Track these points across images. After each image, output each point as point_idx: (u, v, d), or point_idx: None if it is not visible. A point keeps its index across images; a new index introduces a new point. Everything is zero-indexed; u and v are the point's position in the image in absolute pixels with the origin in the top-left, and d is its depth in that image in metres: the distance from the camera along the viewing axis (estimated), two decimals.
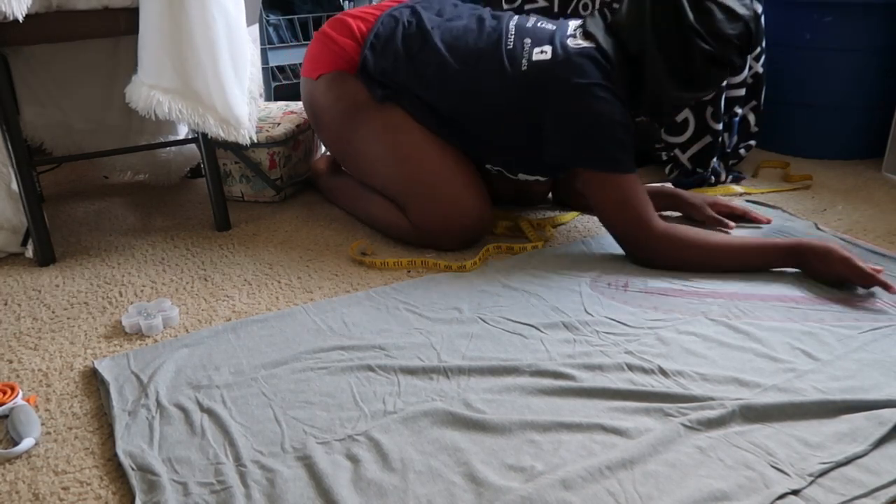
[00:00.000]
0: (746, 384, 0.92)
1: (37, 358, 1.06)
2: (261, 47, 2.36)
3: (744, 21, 1.21)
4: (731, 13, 1.21)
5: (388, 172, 1.39)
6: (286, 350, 1.04)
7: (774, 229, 1.41)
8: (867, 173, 1.76)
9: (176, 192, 1.77)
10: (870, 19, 1.73)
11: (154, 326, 1.11)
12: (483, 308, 1.14)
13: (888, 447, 0.81)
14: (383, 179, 1.41)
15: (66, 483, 0.80)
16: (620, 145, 1.22)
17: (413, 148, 1.35)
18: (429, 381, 0.95)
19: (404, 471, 0.79)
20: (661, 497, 0.74)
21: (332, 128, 1.45)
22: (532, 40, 1.29)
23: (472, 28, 1.34)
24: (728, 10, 1.21)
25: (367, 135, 1.39)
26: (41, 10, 1.22)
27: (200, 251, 1.42)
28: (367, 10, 1.46)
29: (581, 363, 0.97)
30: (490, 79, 1.28)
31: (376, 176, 1.42)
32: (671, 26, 1.21)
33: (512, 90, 1.27)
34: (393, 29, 1.38)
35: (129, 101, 1.28)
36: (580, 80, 1.22)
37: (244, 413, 0.90)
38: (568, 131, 1.24)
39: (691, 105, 1.31)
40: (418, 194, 1.34)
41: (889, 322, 1.06)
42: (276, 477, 0.79)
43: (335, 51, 1.41)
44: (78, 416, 0.92)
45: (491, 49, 1.29)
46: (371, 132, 1.38)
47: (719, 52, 1.21)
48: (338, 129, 1.44)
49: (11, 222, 1.38)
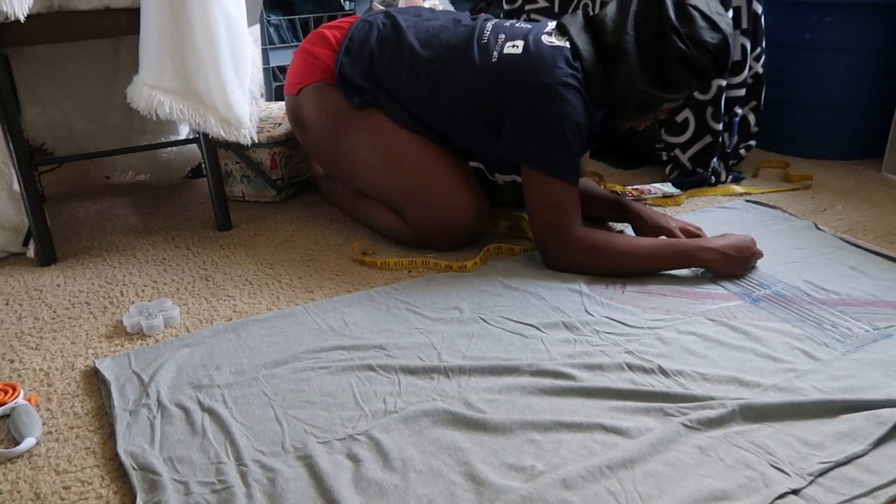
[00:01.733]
0: (746, 384, 0.92)
1: (38, 357, 1.06)
2: (262, 47, 2.36)
3: (724, 35, 1.22)
4: (712, 23, 1.21)
5: (380, 180, 1.38)
6: (287, 350, 1.04)
7: (773, 231, 1.42)
8: (867, 173, 1.77)
9: (177, 192, 1.78)
10: (870, 20, 1.73)
11: (155, 326, 1.11)
12: (483, 308, 1.14)
13: (888, 447, 0.81)
14: (377, 187, 1.41)
15: (67, 482, 0.81)
16: (568, 153, 1.23)
17: (402, 152, 1.35)
18: (429, 380, 0.96)
19: (405, 470, 0.79)
20: (661, 496, 0.74)
21: (319, 142, 1.45)
22: (507, 36, 1.30)
23: (447, 26, 1.36)
24: (710, 20, 1.21)
25: (354, 145, 1.39)
26: (42, 11, 1.23)
27: (201, 251, 1.42)
28: (343, 21, 1.47)
29: (581, 363, 0.97)
30: (460, 70, 1.29)
31: (369, 184, 1.42)
32: (652, 22, 1.22)
33: (480, 82, 1.27)
34: (367, 31, 1.39)
35: (131, 101, 1.28)
36: (547, 78, 1.22)
37: (245, 413, 0.90)
38: (523, 126, 1.24)
39: (651, 112, 1.30)
40: (412, 199, 1.34)
41: (889, 322, 1.07)
42: (277, 476, 0.79)
43: (313, 62, 1.42)
44: (79, 415, 0.92)
45: (464, 42, 1.31)
46: (358, 141, 1.39)
47: (694, 57, 1.21)
48: (325, 141, 1.44)
49: (13, 222, 1.38)
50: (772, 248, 1.33)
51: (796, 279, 1.21)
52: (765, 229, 1.42)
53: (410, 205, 1.35)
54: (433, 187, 1.33)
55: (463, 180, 1.35)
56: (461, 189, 1.34)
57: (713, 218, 1.49)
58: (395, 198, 1.38)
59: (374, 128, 1.37)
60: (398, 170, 1.35)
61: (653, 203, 1.59)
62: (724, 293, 1.17)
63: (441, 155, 1.35)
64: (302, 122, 1.46)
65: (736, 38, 1.63)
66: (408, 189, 1.35)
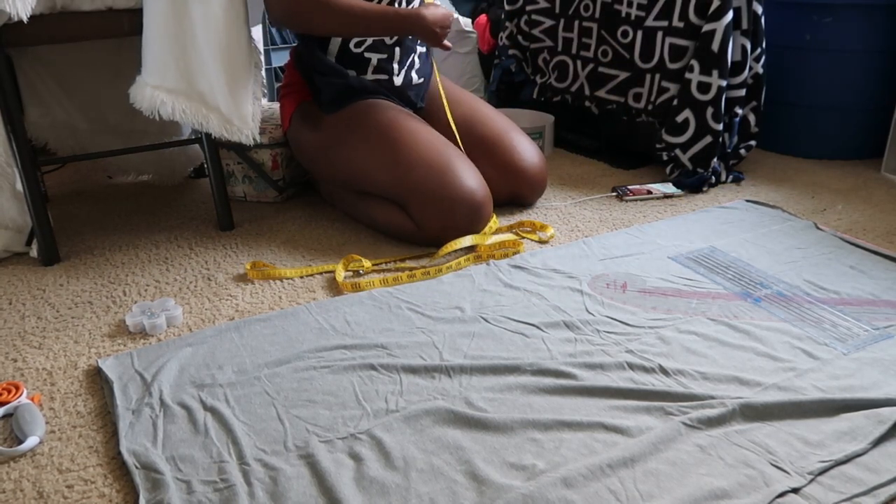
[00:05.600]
0: (747, 383, 0.92)
1: (41, 357, 1.07)
2: (264, 48, 2.37)
3: None
4: None
5: (383, 179, 1.40)
6: (289, 349, 1.04)
7: (773, 231, 1.42)
8: (867, 173, 1.77)
9: (179, 193, 1.78)
10: (870, 20, 1.73)
11: (158, 325, 1.12)
12: (485, 307, 1.14)
13: (888, 445, 0.81)
14: (381, 187, 1.42)
15: (70, 481, 0.81)
16: None
17: (399, 147, 1.38)
18: (431, 379, 0.96)
19: (406, 469, 0.80)
20: (661, 495, 0.75)
21: (320, 159, 1.50)
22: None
23: None
24: None
25: (349, 153, 1.43)
26: (45, 11, 1.23)
27: (204, 251, 1.42)
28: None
29: (582, 362, 0.98)
30: None
31: (371, 183, 1.44)
32: None
33: None
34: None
35: (133, 101, 1.29)
36: None
37: (247, 412, 0.90)
38: None
39: None
40: (416, 195, 1.35)
41: (889, 322, 1.07)
42: (278, 475, 0.79)
43: (289, 91, 1.54)
44: (82, 414, 0.93)
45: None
46: (353, 148, 1.42)
47: None
48: (325, 157, 1.49)
49: (16, 222, 1.38)
50: (772, 247, 1.33)
51: (796, 279, 1.21)
52: (765, 229, 1.42)
53: (415, 201, 1.35)
54: (435, 179, 1.34)
55: (462, 166, 1.36)
56: (463, 176, 1.35)
57: (713, 218, 1.49)
58: (399, 195, 1.38)
59: (363, 131, 1.42)
60: (398, 168, 1.36)
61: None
62: (725, 293, 1.17)
63: (437, 143, 1.38)
64: (302, 149, 1.54)
65: (736, 38, 1.64)
66: (410, 185, 1.35)
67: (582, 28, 1.91)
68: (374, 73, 1.50)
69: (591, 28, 1.89)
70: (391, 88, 1.53)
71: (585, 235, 1.44)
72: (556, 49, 2.01)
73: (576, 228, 1.48)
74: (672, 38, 1.69)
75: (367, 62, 1.49)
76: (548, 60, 2.05)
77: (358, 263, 1.31)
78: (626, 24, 1.79)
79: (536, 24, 2.04)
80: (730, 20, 1.59)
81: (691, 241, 1.37)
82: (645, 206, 1.60)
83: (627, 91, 1.82)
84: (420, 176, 1.35)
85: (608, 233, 1.44)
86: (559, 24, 1.98)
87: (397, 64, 1.52)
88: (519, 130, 1.58)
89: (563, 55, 1.99)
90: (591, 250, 1.35)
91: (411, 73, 1.55)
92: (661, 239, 1.39)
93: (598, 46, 1.88)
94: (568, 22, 1.95)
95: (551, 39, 2.02)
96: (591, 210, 1.58)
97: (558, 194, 1.68)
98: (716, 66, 1.61)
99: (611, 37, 1.83)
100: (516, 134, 1.56)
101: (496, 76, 2.19)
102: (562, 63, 2.00)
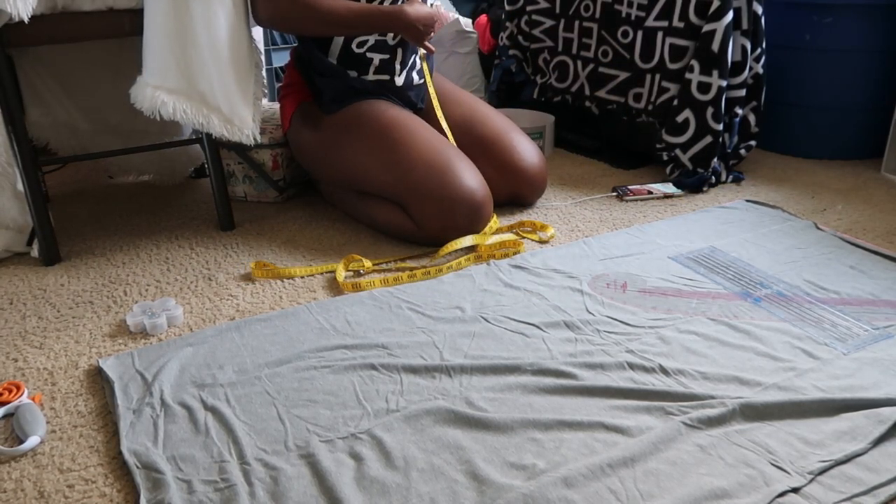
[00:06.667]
0: (747, 383, 0.92)
1: (42, 357, 1.07)
2: (264, 48, 2.37)
3: None
4: None
5: (383, 179, 1.40)
6: (289, 349, 1.04)
7: (773, 230, 1.42)
8: (867, 173, 1.77)
9: (180, 193, 1.78)
10: (870, 20, 1.73)
11: (158, 325, 1.12)
12: (485, 307, 1.15)
13: (888, 445, 0.81)
14: (381, 187, 1.42)
15: (71, 481, 0.81)
16: None
17: (399, 147, 1.38)
18: (431, 379, 0.96)
19: (407, 469, 0.80)
20: (661, 495, 0.75)
21: (320, 160, 1.51)
22: None
23: None
24: None
25: (350, 153, 1.44)
26: (46, 12, 1.23)
27: (204, 251, 1.42)
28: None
29: (582, 362, 0.98)
30: None
31: (370, 183, 1.44)
32: None
33: None
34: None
35: (134, 101, 1.29)
36: None
37: (248, 411, 0.91)
38: None
39: None
40: (417, 195, 1.35)
41: (889, 322, 1.07)
42: (279, 475, 0.79)
43: (289, 91, 1.54)
44: (83, 414, 0.93)
45: None
46: (353, 149, 1.43)
47: None
48: (325, 157, 1.49)
49: (17, 222, 1.38)
50: (772, 247, 1.33)
51: (796, 279, 1.21)
52: (765, 229, 1.42)
53: (414, 201, 1.35)
54: (435, 179, 1.34)
55: (461, 166, 1.36)
56: (463, 176, 1.35)
57: (713, 218, 1.49)
58: (398, 195, 1.39)
59: (362, 131, 1.42)
60: (398, 168, 1.36)
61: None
62: (725, 293, 1.17)
63: (436, 141, 1.39)
64: (302, 150, 1.54)
65: (736, 38, 1.64)
66: (410, 185, 1.35)
67: (582, 28, 1.92)
68: (375, 73, 1.50)
69: (592, 28, 1.89)
70: (392, 89, 1.53)
71: (586, 235, 1.44)
72: (556, 49, 2.01)
73: (576, 228, 1.48)
74: (672, 39, 1.69)
75: (370, 62, 1.49)
76: (548, 60, 2.05)
77: (358, 263, 1.31)
78: (626, 24, 1.79)
79: (537, 25, 2.04)
80: (730, 20, 1.59)
81: (691, 241, 1.38)
82: (645, 206, 1.60)
83: (628, 91, 1.82)
84: (420, 176, 1.35)
85: (608, 233, 1.44)
86: (559, 24, 1.98)
87: (399, 64, 1.52)
88: (519, 130, 1.58)
89: (564, 55, 1.99)
90: (592, 250, 1.35)
91: (412, 74, 1.56)
92: (662, 239, 1.39)
93: (598, 47, 1.88)
94: (568, 22, 1.95)
95: (552, 40, 2.02)
96: (591, 210, 1.58)
97: (558, 194, 1.68)
98: (716, 67, 1.61)
99: (611, 37, 1.84)
100: (516, 134, 1.56)
101: (496, 76, 2.20)
102: (562, 63, 2.01)
